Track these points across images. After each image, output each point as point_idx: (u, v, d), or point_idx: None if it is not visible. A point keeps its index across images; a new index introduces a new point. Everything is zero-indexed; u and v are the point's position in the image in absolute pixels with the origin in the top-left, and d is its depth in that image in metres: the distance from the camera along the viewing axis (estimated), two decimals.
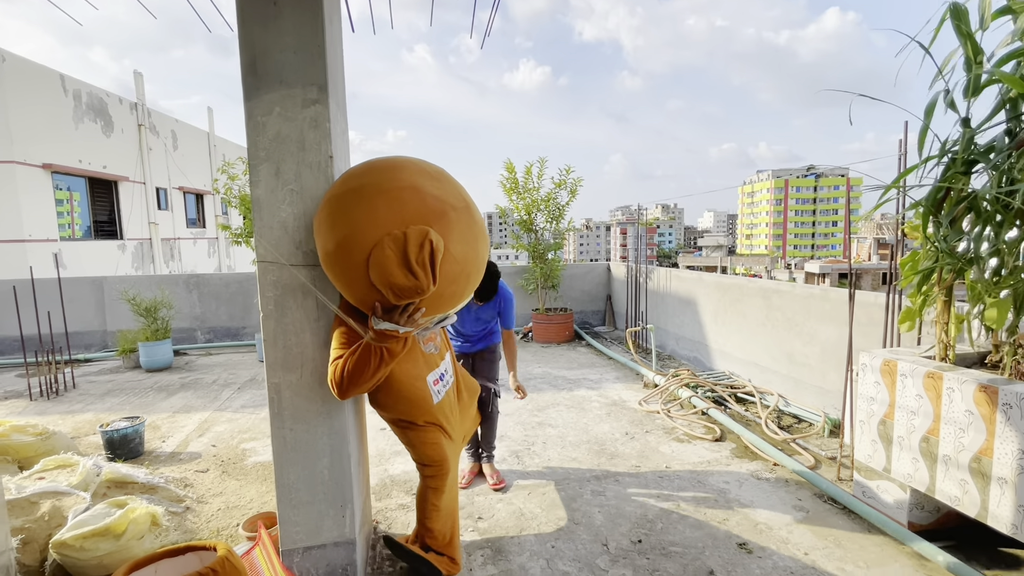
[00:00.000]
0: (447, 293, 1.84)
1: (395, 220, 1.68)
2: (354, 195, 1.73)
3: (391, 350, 1.79)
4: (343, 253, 1.71)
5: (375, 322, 1.76)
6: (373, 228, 1.67)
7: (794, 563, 2.30)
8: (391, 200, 1.71)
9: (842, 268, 38.81)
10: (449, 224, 1.76)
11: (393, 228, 1.67)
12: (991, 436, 2.08)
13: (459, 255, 1.80)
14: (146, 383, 5.40)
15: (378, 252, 1.64)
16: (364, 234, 1.67)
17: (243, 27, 1.86)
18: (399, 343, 1.80)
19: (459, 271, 1.82)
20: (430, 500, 2.22)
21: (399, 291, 1.65)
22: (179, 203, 14.46)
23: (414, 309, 1.77)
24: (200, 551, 1.82)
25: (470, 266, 1.88)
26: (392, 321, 1.75)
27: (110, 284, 6.92)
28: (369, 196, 1.71)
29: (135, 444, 3.52)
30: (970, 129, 2.32)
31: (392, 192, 1.73)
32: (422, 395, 2.09)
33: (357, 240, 1.68)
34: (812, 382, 4.03)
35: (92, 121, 11.20)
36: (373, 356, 1.78)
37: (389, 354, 1.80)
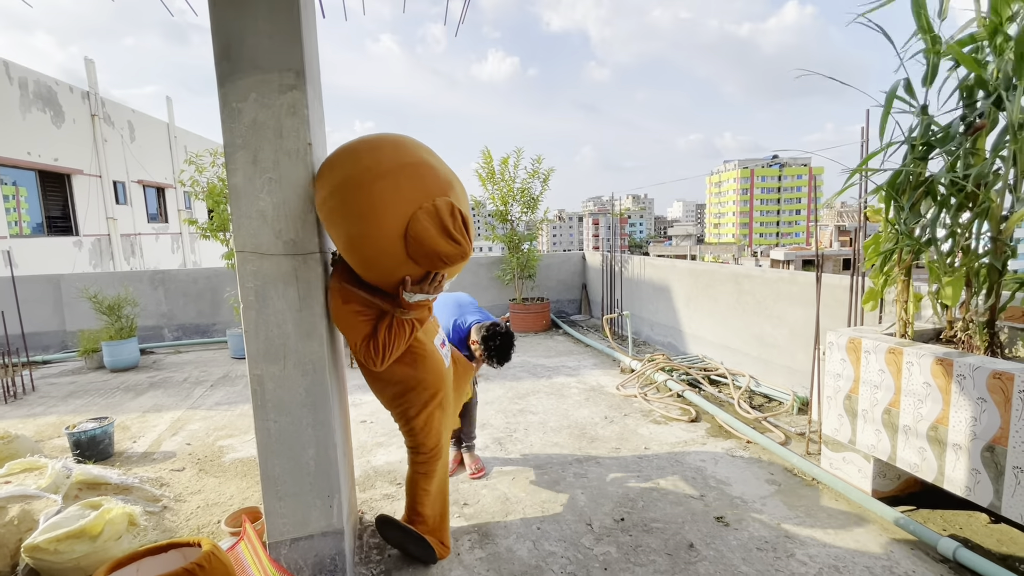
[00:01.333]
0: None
1: (420, 194, 1.75)
2: (371, 174, 1.74)
3: (420, 318, 1.98)
4: (373, 233, 1.74)
5: (408, 296, 1.88)
6: (402, 204, 1.72)
7: (768, 532, 2.41)
8: (411, 176, 1.76)
9: (805, 255, 40.21)
10: (456, 193, 1.89)
11: (421, 202, 1.74)
12: (947, 406, 2.22)
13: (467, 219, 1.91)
14: (112, 383, 5.21)
15: (416, 226, 1.71)
16: (395, 210, 1.71)
17: (215, 11, 1.80)
18: (425, 310, 1.99)
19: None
20: (420, 485, 2.25)
21: (445, 258, 1.77)
22: (139, 197, 13.85)
23: (442, 277, 1.91)
24: (183, 548, 1.79)
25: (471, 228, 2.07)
26: (423, 291, 1.89)
27: (68, 282, 6.61)
28: (392, 174, 1.74)
29: (104, 445, 3.41)
30: (927, 116, 2.45)
31: (409, 168, 1.77)
32: (436, 357, 2.23)
33: (388, 218, 1.71)
34: (781, 362, 4.19)
35: (40, 111, 10.59)
36: (407, 326, 1.95)
37: (420, 323, 1.99)
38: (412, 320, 1.96)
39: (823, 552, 2.26)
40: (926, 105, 2.48)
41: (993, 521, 2.40)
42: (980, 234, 2.37)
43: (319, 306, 1.97)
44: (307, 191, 1.91)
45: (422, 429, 2.21)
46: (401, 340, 1.96)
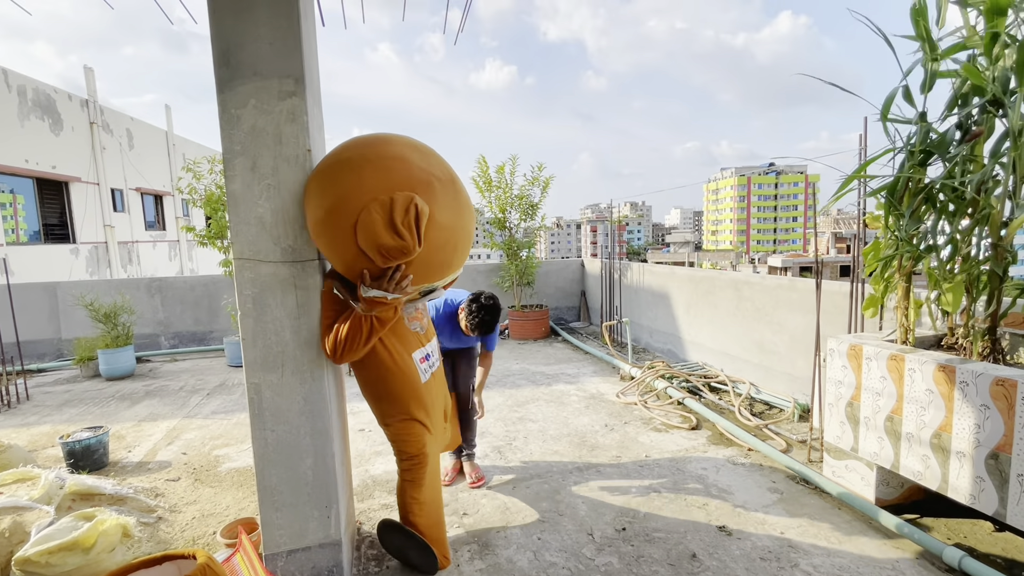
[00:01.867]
0: (435, 261, 1.92)
1: (382, 187, 1.74)
2: (343, 165, 1.80)
3: (381, 318, 1.91)
4: (332, 219, 1.76)
5: (364, 290, 1.83)
6: (361, 194, 1.73)
7: (771, 542, 2.38)
8: (378, 168, 1.78)
9: (802, 262, 40.33)
10: (434, 193, 1.82)
11: (380, 195, 1.73)
12: (950, 413, 2.21)
13: (445, 222, 1.87)
14: (107, 392, 5.16)
15: (365, 215, 1.71)
16: (352, 200, 1.73)
17: (214, 17, 1.80)
18: (389, 311, 1.91)
19: (446, 239, 1.90)
20: (409, 493, 2.24)
21: (386, 251, 1.73)
22: (136, 205, 13.84)
23: (401, 276, 1.84)
24: (178, 560, 1.76)
25: (457, 234, 1.95)
26: (380, 288, 1.83)
27: (64, 290, 6.58)
28: (358, 165, 1.78)
29: (99, 455, 3.36)
30: (926, 123, 2.45)
31: (380, 161, 1.80)
32: (410, 370, 2.16)
33: (345, 206, 1.74)
34: (782, 369, 4.18)
35: (39, 119, 10.60)
36: (364, 323, 1.89)
37: (379, 322, 1.91)
38: (372, 319, 1.88)
39: (827, 562, 2.23)
40: (924, 112, 2.49)
41: (998, 529, 2.38)
42: (980, 241, 2.37)
43: (317, 313, 1.95)
44: None
45: (400, 436, 2.21)
46: (356, 337, 1.89)
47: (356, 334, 1.89)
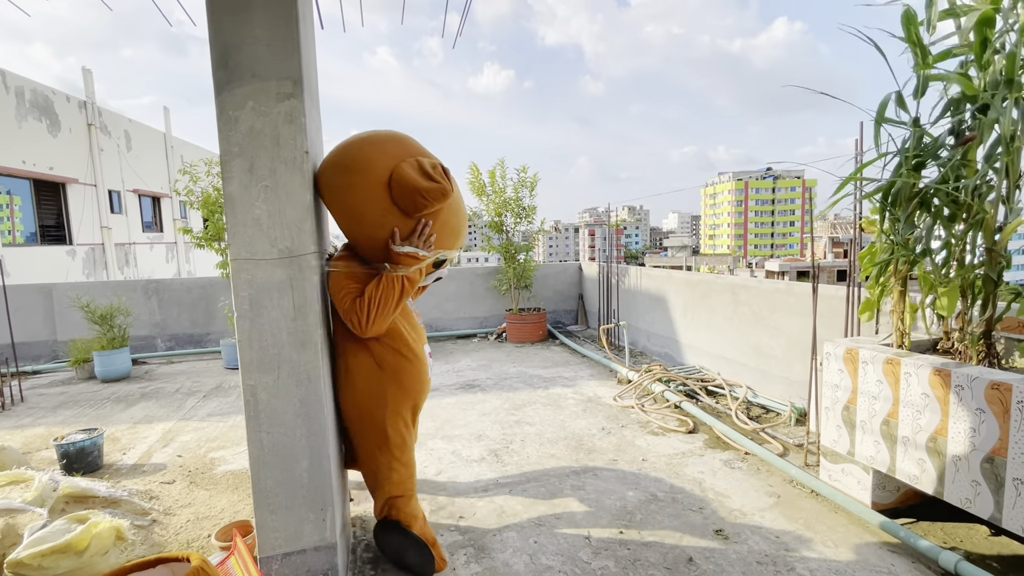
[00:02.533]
0: (452, 224, 2.15)
1: (403, 154, 2.00)
2: (362, 142, 2.05)
3: (411, 278, 2.04)
4: (361, 182, 1.96)
5: (397, 247, 1.99)
6: (387, 158, 1.98)
7: (768, 546, 2.38)
8: (397, 143, 2.06)
9: (800, 266, 40.44)
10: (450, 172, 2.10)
11: (405, 158, 1.99)
12: (945, 416, 2.21)
13: (458, 193, 2.15)
14: (102, 394, 5.13)
15: (398, 171, 1.94)
16: (379, 163, 1.97)
17: (213, 19, 1.80)
18: (416, 272, 2.04)
19: (458, 206, 2.18)
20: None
21: (426, 193, 1.93)
22: (134, 206, 13.82)
23: (430, 231, 2.03)
24: (171, 563, 1.74)
25: (462, 206, 2.24)
26: (413, 245, 2.00)
27: (60, 291, 6.55)
28: (377, 141, 2.05)
29: (93, 457, 3.35)
30: (919, 128, 2.47)
31: (395, 139, 2.08)
32: (423, 361, 2.26)
33: (374, 168, 1.96)
34: (778, 373, 4.19)
35: (37, 120, 10.59)
36: (396, 284, 2.02)
37: (409, 282, 2.04)
38: (403, 279, 2.02)
39: (824, 566, 2.23)
40: (917, 117, 2.51)
41: (994, 534, 2.38)
42: (975, 245, 2.38)
43: (314, 315, 1.95)
44: (304, 199, 1.90)
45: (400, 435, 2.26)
46: (390, 297, 2.00)
47: (389, 294, 2.00)
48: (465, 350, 6.64)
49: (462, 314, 7.57)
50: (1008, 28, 2.19)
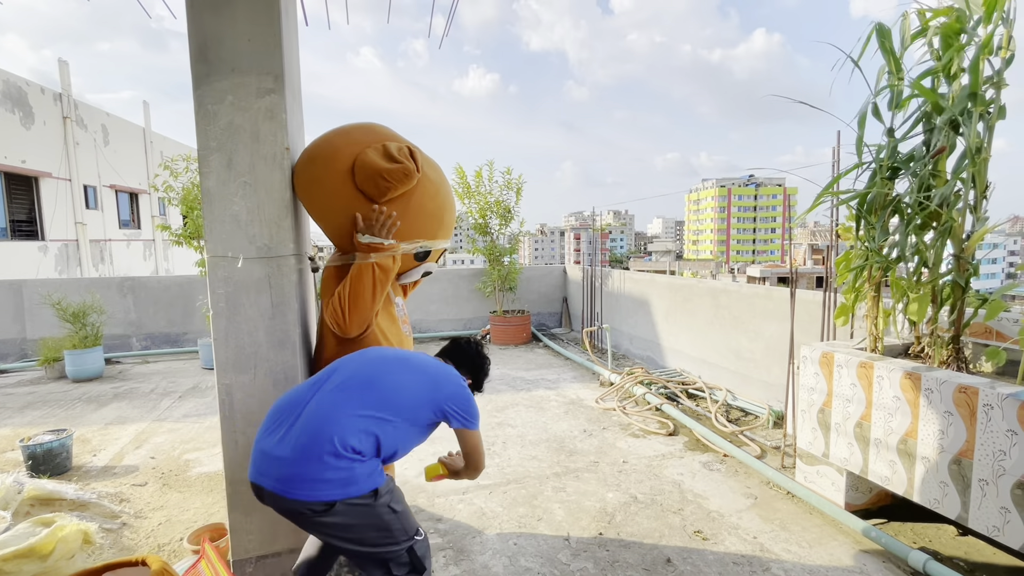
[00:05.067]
0: (428, 209, 2.04)
1: (371, 140, 1.94)
2: (331, 133, 2.01)
3: (382, 265, 1.90)
4: (326, 170, 1.90)
5: (359, 236, 1.89)
6: (352, 145, 1.92)
7: (745, 546, 2.41)
8: (365, 131, 2.00)
9: (780, 272, 41.19)
10: (418, 153, 2.00)
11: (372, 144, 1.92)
12: (916, 419, 2.27)
13: (432, 176, 2.05)
14: (73, 394, 4.99)
15: (362, 156, 1.87)
16: (344, 151, 1.91)
17: (192, 12, 1.77)
18: (388, 258, 1.92)
19: (436, 190, 2.06)
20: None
21: (388, 175, 1.84)
22: (111, 202, 13.48)
23: (391, 220, 1.90)
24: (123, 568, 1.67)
25: (443, 191, 2.13)
26: (373, 233, 1.89)
27: (30, 288, 6.36)
28: (344, 131, 2.01)
29: (62, 459, 3.25)
30: (894, 139, 2.54)
31: (367, 128, 2.03)
32: None
33: (339, 155, 1.90)
34: (757, 376, 4.25)
35: (9, 112, 10.27)
36: (366, 272, 1.88)
37: (381, 270, 1.90)
38: (373, 267, 1.87)
39: (798, 566, 2.26)
40: (892, 128, 2.58)
41: (961, 534, 2.44)
42: (944, 253, 2.45)
43: (292, 314, 1.92)
44: (283, 196, 1.87)
45: None
46: (360, 288, 1.85)
47: (359, 285, 1.86)
48: None
49: (446, 315, 7.54)
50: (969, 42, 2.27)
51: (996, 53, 2.24)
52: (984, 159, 2.24)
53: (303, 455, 1.42)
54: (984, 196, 2.30)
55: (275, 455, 1.46)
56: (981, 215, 2.31)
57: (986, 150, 2.24)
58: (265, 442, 1.50)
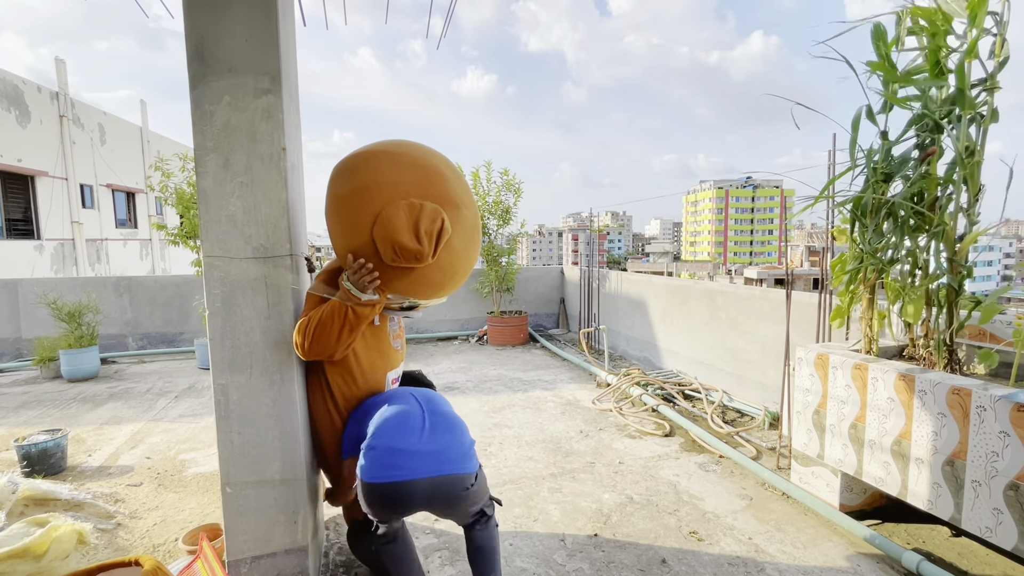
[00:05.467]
0: (432, 280, 1.94)
1: (416, 191, 1.81)
2: (387, 156, 1.87)
3: (357, 312, 1.84)
4: (356, 200, 1.81)
5: (344, 277, 1.84)
6: (394, 188, 1.80)
7: (740, 547, 2.42)
8: (419, 172, 1.86)
9: (777, 274, 41.28)
10: (460, 218, 1.91)
11: (412, 197, 1.79)
12: (910, 420, 2.28)
13: (458, 248, 1.94)
14: (68, 394, 4.97)
15: (391, 209, 1.76)
16: (384, 189, 1.80)
17: (189, 11, 1.77)
18: (366, 308, 1.86)
19: (451, 263, 1.95)
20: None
21: (400, 249, 1.76)
22: (107, 201, 13.44)
23: (372, 280, 1.80)
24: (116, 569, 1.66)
25: (461, 262, 2.00)
26: (357, 285, 1.82)
27: (25, 287, 6.33)
28: (400, 161, 1.86)
29: (56, 459, 3.23)
30: (888, 141, 2.55)
31: (424, 168, 1.87)
32: (378, 387, 2.09)
33: (376, 192, 1.79)
34: (753, 378, 4.26)
35: (5, 110, 10.24)
36: (338, 314, 1.82)
37: (355, 315, 1.84)
38: (350, 310, 1.81)
39: (792, 567, 2.27)
40: (886, 131, 2.59)
41: (954, 535, 2.46)
42: (938, 255, 2.47)
43: (288, 314, 1.92)
44: (280, 196, 1.87)
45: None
46: (330, 325, 1.79)
47: (329, 323, 1.80)
48: (446, 352, 6.61)
49: (443, 316, 7.54)
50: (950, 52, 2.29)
51: (991, 56, 2.26)
52: (977, 162, 2.25)
53: (454, 439, 1.82)
54: (977, 199, 2.32)
55: (426, 451, 1.76)
56: (974, 218, 2.32)
57: (979, 153, 2.25)
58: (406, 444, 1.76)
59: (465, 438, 1.87)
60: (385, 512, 1.81)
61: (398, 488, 1.72)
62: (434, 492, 1.75)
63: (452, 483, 1.76)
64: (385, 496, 1.74)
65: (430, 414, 1.87)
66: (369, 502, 1.77)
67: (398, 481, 1.72)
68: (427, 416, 1.86)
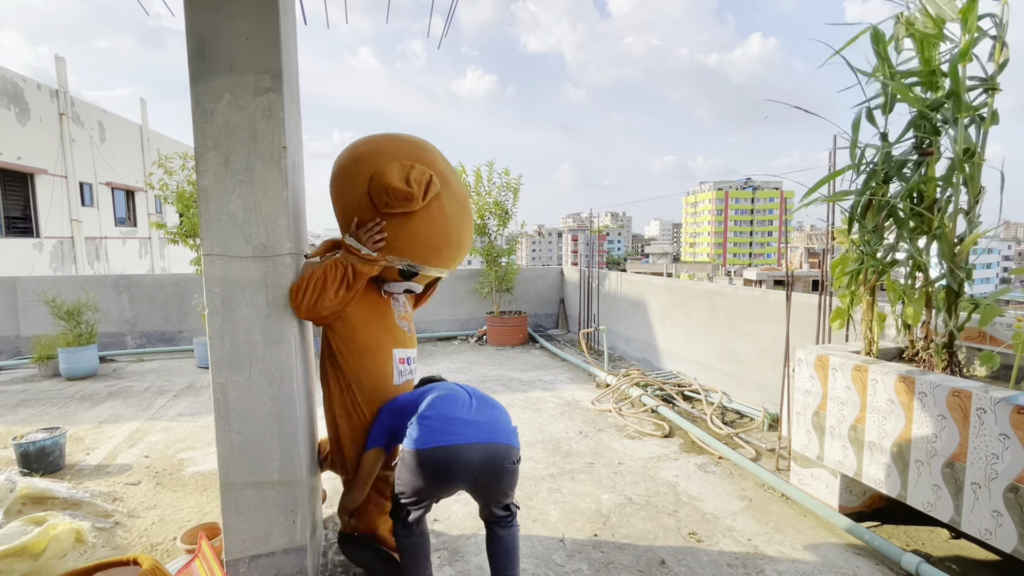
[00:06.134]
0: (424, 236, 2.06)
1: (408, 157, 2.01)
2: (384, 136, 2.12)
3: (356, 268, 1.97)
4: (355, 168, 2.01)
5: (346, 237, 2.01)
6: (391, 155, 1.99)
7: (739, 548, 2.42)
8: (411, 147, 2.07)
9: (776, 275, 41.33)
10: (448, 185, 2.09)
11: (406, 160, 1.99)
12: (909, 422, 2.28)
13: (450, 213, 2.10)
14: (67, 392, 4.96)
15: (385, 167, 1.95)
16: (382, 154, 2.00)
17: (190, 9, 1.77)
18: (365, 264, 1.98)
19: (442, 221, 2.08)
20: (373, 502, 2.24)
21: (391, 192, 1.91)
22: (106, 199, 13.42)
23: (379, 231, 1.99)
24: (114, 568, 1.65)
25: (452, 225, 2.13)
26: (359, 240, 1.98)
27: (24, 285, 6.32)
28: (396, 139, 2.10)
29: (55, 457, 3.23)
30: (888, 143, 2.55)
31: (415, 144, 2.10)
32: (385, 362, 2.15)
33: (372, 159, 1.99)
34: (753, 379, 4.26)
35: (5, 107, 10.22)
36: (338, 268, 1.95)
37: (353, 271, 1.97)
38: (347, 266, 1.96)
39: (791, 568, 2.27)
40: (886, 133, 2.59)
41: (954, 537, 2.46)
42: (939, 257, 2.46)
43: (288, 313, 1.92)
44: (280, 195, 1.87)
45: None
46: (327, 280, 1.92)
47: (331, 274, 1.93)
48: (445, 352, 6.61)
49: (443, 316, 7.53)
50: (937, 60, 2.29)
51: (990, 59, 2.26)
52: (977, 164, 2.25)
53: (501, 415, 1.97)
54: (977, 201, 2.32)
55: (478, 420, 1.88)
56: (975, 219, 2.32)
57: (979, 155, 2.25)
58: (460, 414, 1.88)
59: (509, 417, 1.99)
60: (434, 482, 1.79)
61: (455, 452, 1.77)
62: (485, 459, 1.80)
63: (502, 453, 1.83)
64: (441, 461, 1.76)
65: (476, 397, 2.00)
66: (421, 472, 1.77)
67: (454, 444, 1.77)
68: (473, 398, 1.99)
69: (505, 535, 1.91)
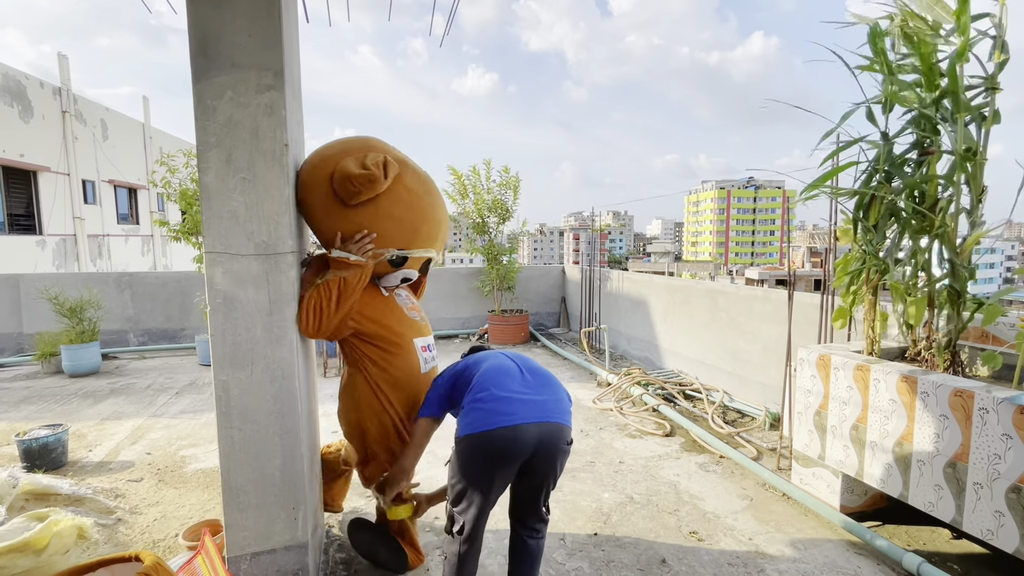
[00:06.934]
0: (402, 219, 2.10)
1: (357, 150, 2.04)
2: (338, 140, 2.14)
3: (347, 280, 1.99)
4: (315, 173, 2.02)
5: (333, 252, 2.02)
6: (339, 155, 2.02)
7: (740, 548, 2.41)
8: (364, 142, 2.12)
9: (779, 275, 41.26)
10: (407, 166, 2.13)
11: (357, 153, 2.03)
12: (911, 422, 2.28)
13: (413, 187, 2.13)
14: (69, 389, 4.98)
15: (341, 161, 1.99)
16: (335, 156, 2.03)
17: (192, 6, 1.77)
18: (355, 273, 2.01)
19: (413, 201, 2.12)
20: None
21: (355, 180, 1.94)
22: (109, 197, 13.44)
23: (364, 238, 2.03)
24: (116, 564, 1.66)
25: (424, 202, 2.16)
26: (347, 250, 2.01)
27: (27, 282, 6.34)
28: (346, 141, 2.13)
29: (57, 454, 3.24)
30: (889, 142, 2.54)
31: (367, 140, 2.14)
32: (410, 352, 2.19)
33: (328, 161, 2.02)
34: (754, 378, 4.26)
35: (8, 105, 10.24)
36: (330, 287, 1.97)
37: (345, 283, 1.99)
38: (340, 279, 1.98)
39: (792, 568, 2.27)
40: (886, 131, 2.58)
41: (955, 537, 2.45)
42: (941, 257, 2.46)
43: (290, 311, 1.92)
44: (282, 193, 1.87)
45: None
46: (327, 300, 1.96)
47: (324, 294, 1.96)
48: (447, 350, 6.61)
49: (444, 314, 7.53)
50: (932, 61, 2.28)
51: (990, 58, 2.25)
52: (979, 163, 2.24)
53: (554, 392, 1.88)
54: (980, 200, 2.31)
55: (531, 399, 1.80)
56: (977, 219, 2.31)
57: (982, 154, 2.24)
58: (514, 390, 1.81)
59: (564, 393, 1.90)
60: (489, 468, 1.72)
61: (511, 432, 1.70)
62: (542, 438, 1.73)
63: (558, 433, 1.77)
64: (498, 442, 1.70)
65: (528, 371, 1.93)
66: (477, 457, 1.73)
67: (509, 425, 1.71)
68: (523, 370, 1.92)
69: (534, 547, 1.92)
